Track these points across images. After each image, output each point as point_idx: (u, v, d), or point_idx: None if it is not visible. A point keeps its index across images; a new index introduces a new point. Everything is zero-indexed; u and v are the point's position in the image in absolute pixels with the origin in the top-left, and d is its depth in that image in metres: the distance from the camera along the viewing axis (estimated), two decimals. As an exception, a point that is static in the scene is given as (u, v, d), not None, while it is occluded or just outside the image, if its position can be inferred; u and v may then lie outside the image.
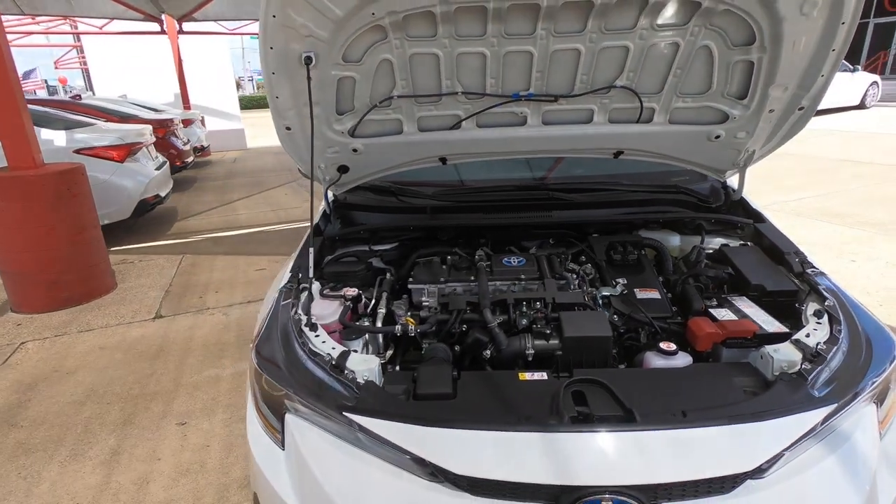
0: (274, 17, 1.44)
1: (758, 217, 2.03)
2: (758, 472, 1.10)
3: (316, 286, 1.78)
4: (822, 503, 1.12)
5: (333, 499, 1.16)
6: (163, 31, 11.57)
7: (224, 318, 3.71)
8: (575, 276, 1.82)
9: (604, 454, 1.10)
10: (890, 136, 9.93)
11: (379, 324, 1.68)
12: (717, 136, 1.91)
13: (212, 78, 13.58)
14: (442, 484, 1.13)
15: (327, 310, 1.70)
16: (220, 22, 12.64)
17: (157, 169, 5.90)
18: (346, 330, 1.60)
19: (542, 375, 1.38)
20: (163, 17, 11.14)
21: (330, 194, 2.20)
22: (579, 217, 2.04)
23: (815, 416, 1.16)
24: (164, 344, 3.38)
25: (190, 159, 8.86)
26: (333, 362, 1.36)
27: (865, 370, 1.28)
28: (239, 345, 3.31)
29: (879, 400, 1.31)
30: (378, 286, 1.85)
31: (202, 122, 11.46)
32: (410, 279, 1.83)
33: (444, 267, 1.89)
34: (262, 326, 1.56)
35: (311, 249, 1.66)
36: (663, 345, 1.45)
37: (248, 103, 25.26)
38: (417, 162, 2.06)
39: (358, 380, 1.32)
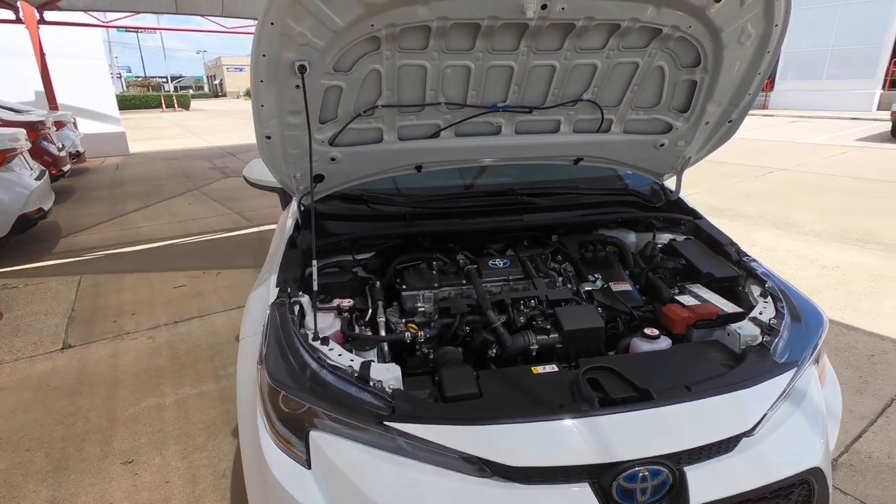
0: (272, 24, 1.40)
1: (695, 214, 2.33)
2: (750, 431, 1.30)
3: (305, 299, 1.74)
4: (797, 450, 1.35)
5: (386, 509, 1.17)
6: (19, 20, 10.07)
7: (150, 343, 3.37)
8: (558, 275, 1.96)
9: (635, 431, 1.23)
10: (749, 141, 11.66)
11: (382, 332, 1.69)
12: (662, 144, 2.17)
13: (83, 74, 12.05)
14: (491, 478, 1.19)
15: (324, 322, 1.67)
16: (91, 13, 11.31)
17: (37, 179, 5.16)
18: (356, 341, 1.59)
19: (552, 368, 1.49)
20: (18, 3, 9.70)
21: (301, 205, 2.13)
22: (548, 220, 2.19)
23: (784, 378, 1.40)
24: (83, 376, 3.00)
25: (67, 167, 7.83)
26: (357, 374, 1.36)
27: (808, 337, 1.56)
28: (175, 370, 3.04)
29: (815, 361, 1.60)
30: (370, 295, 1.85)
31: (74, 124, 10.15)
32: (403, 286, 1.85)
33: (433, 272, 1.93)
34: (265, 344, 1.49)
35: (314, 262, 1.62)
36: (647, 330, 1.64)
37: (119, 103, 22.74)
38: (394, 170, 2.07)
39: (385, 388, 1.33)
